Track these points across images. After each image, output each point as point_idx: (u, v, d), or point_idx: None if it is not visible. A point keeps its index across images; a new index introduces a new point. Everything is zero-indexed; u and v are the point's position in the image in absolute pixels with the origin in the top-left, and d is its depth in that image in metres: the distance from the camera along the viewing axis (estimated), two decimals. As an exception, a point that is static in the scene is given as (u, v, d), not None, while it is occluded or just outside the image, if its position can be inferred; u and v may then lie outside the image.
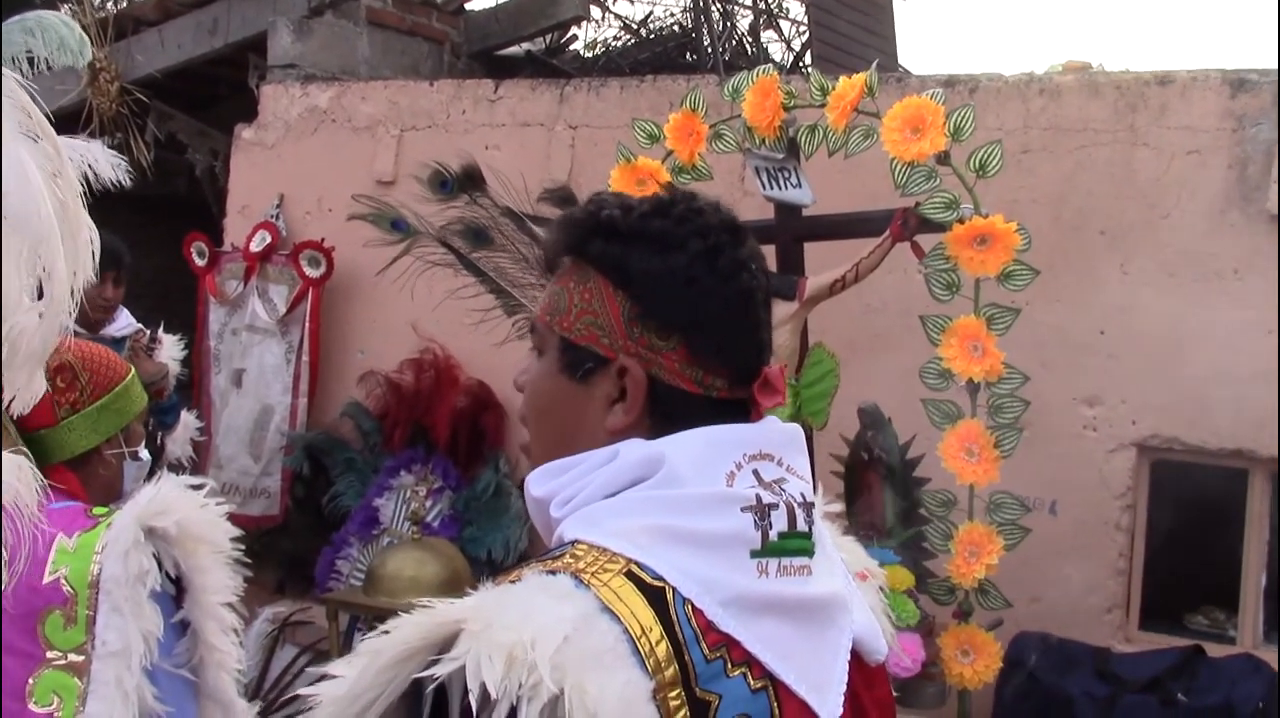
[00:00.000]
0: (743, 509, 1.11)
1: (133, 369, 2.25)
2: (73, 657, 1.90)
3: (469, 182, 3.36)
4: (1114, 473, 3.86)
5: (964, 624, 3.13)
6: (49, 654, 1.90)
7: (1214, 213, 3.72)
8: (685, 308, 1.17)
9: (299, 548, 5.09)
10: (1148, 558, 3.93)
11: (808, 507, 1.15)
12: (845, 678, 1.16)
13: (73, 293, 1.56)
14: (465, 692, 0.97)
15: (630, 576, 1.06)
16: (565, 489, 1.16)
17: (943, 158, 3.00)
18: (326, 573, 4.95)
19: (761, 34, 6.71)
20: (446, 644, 0.99)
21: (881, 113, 3.08)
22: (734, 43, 6.51)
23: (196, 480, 2.05)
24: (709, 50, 6.09)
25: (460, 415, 4.84)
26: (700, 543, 1.08)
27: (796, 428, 1.21)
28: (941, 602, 3.23)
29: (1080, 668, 3.64)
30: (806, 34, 6.53)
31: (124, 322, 4.36)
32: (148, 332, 4.28)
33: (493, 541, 4.72)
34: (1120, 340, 3.84)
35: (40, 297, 1.46)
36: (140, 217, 5.98)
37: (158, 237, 5.84)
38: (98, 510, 2.01)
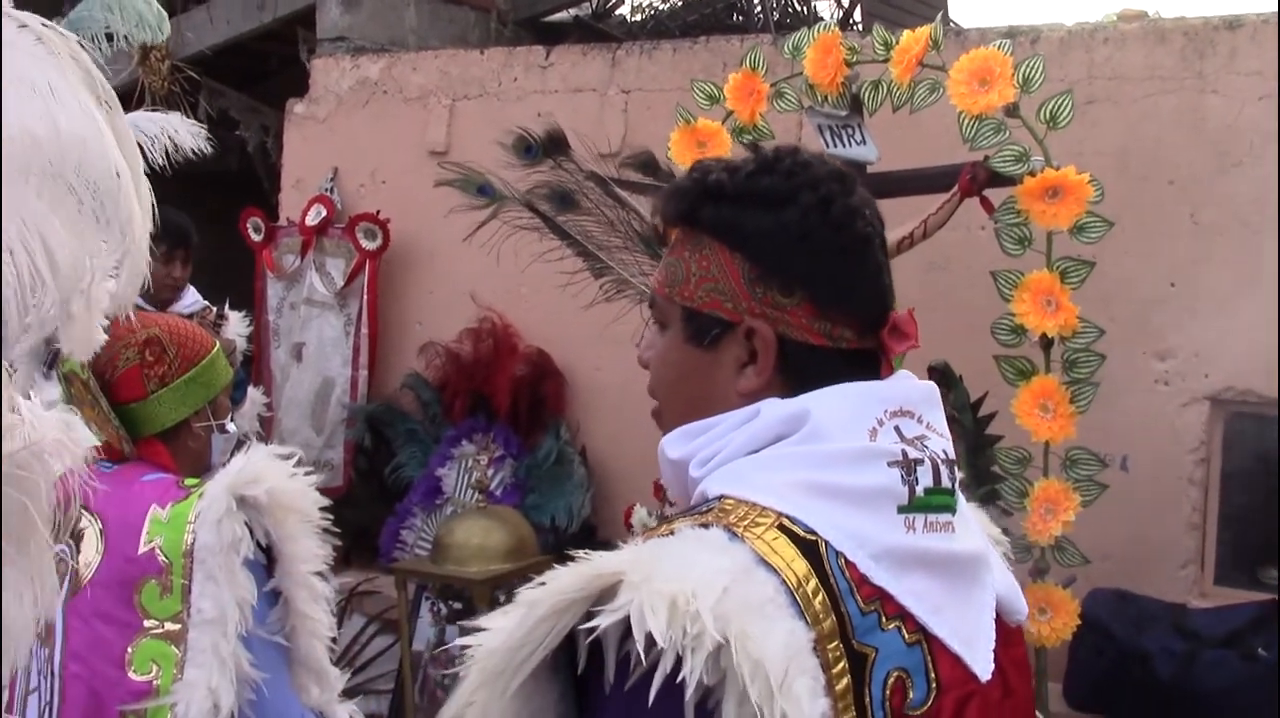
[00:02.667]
0: (889, 464, 1.10)
1: (218, 342, 2.26)
2: (169, 625, 1.93)
3: (554, 146, 3.34)
4: (1187, 427, 3.81)
5: (1040, 582, 3.10)
6: (146, 623, 1.93)
7: (1286, 159, 3.64)
8: (804, 262, 1.16)
9: (363, 519, 5.13)
10: (1221, 512, 3.87)
11: (950, 463, 1.15)
12: (993, 635, 1.15)
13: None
14: (621, 644, 0.97)
15: (783, 528, 1.05)
16: (704, 449, 1.16)
17: (1012, 110, 2.95)
18: (391, 543, 4.99)
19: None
20: (605, 596, 0.98)
21: (945, 66, 3.03)
22: (782, 2, 6.43)
23: (285, 450, 2.06)
24: (758, 11, 6.02)
25: (520, 384, 4.85)
26: (849, 498, 1.08)
27: (933, 385, 1.20)
28: (1017, 560, 3.20)
29: (1156, 624, 3.61)
30: (856, -10, 6.45)
31: (190, 299, 4.40)
32: (214, 309, 4.32)
33: (555, 507, 4.73)
34: (1191, 292, 3.77)
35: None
36: (193, 194, 6.01)
37: (210, 213, 5.87)
38: (189, 481, 2.04)
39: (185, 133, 1.95)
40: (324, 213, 5.25)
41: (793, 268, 1.16)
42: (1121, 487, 3.71)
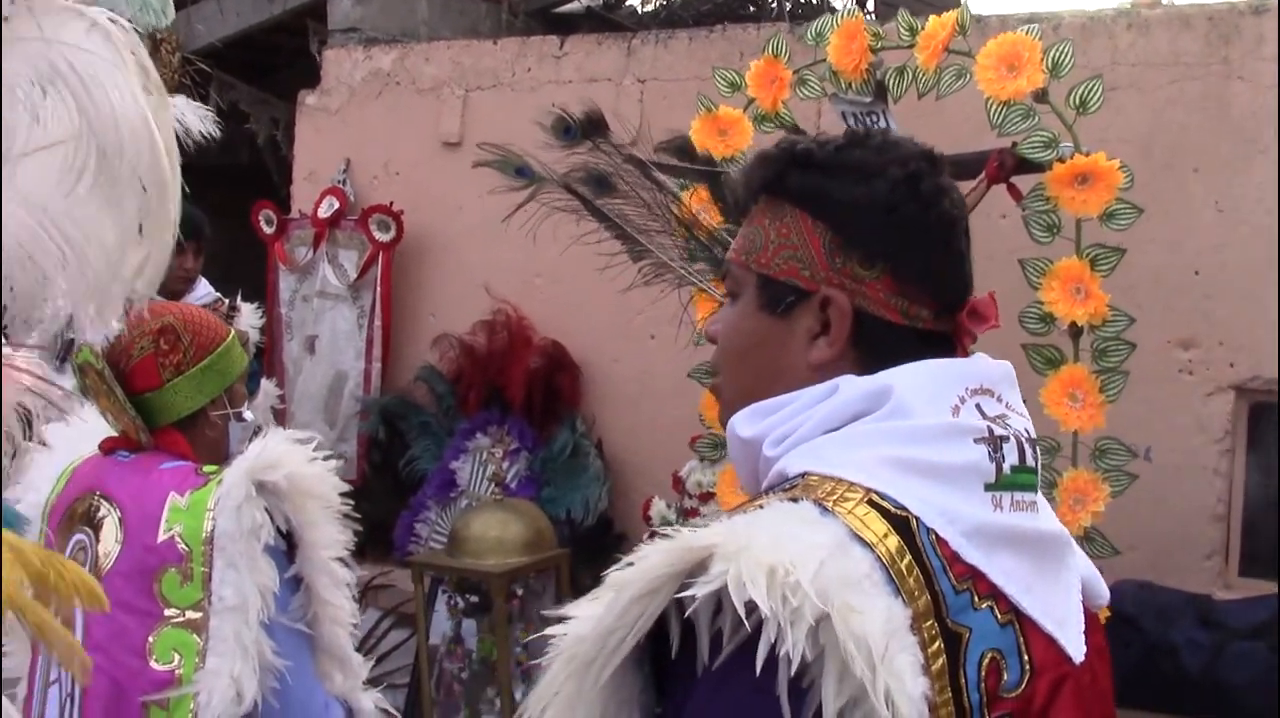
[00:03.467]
0: (976, 440, 1.08)
1: (233, 331, 2.23)
2: (190, 614, 1.90)
3: (592, 128, 3.30)
4: (1211, 417, 3.77)
5: (1067, 573, 3.06)
6: (167, 612, 1.91)
7: (1313, 145, 3.60)
8: (889, 235, 1.14)
9: (377, 512, 5.09)
10: (1246, 503, 3.84)
11: (1032, 442, 1.12)
12: (1082, 617, 1.13)
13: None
14: (714, 619, 0.94)
15: (873, 504, 1.02)
16: (780, 427, 1.13)
17: (1041, 95, 2.91)
18: (406, 536, 4.96)
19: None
20: (697, 572, 0.95)
21: (971, 52, 2.99)
22: (795, -9, 6.39)
23: (303, 434, 2.04)
24: (773, 1, 5.98)
25: (534, 376, 4.81)
26: (937, 474, 1.05)
27: (1009, 364, 1.17)
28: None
29: (1182, 616, 3.57)
30: (869, -20, 6.40)
31: (203, 291, 4.38)
32: (226, 300, 4.30)
33: (571, 500, 4.70)
34: (1216, 281, 3.74)
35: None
36: (202, 187, 5.96)
37: (221, 207, 5.84)
38: (208, 469, 2.01)
39: (193, 117, 1.91)
40: (336, 205, 5.21)
41: (876, 240, 1.14)
42: (1145, 477, 3.67)
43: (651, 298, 3.60)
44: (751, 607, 0.91)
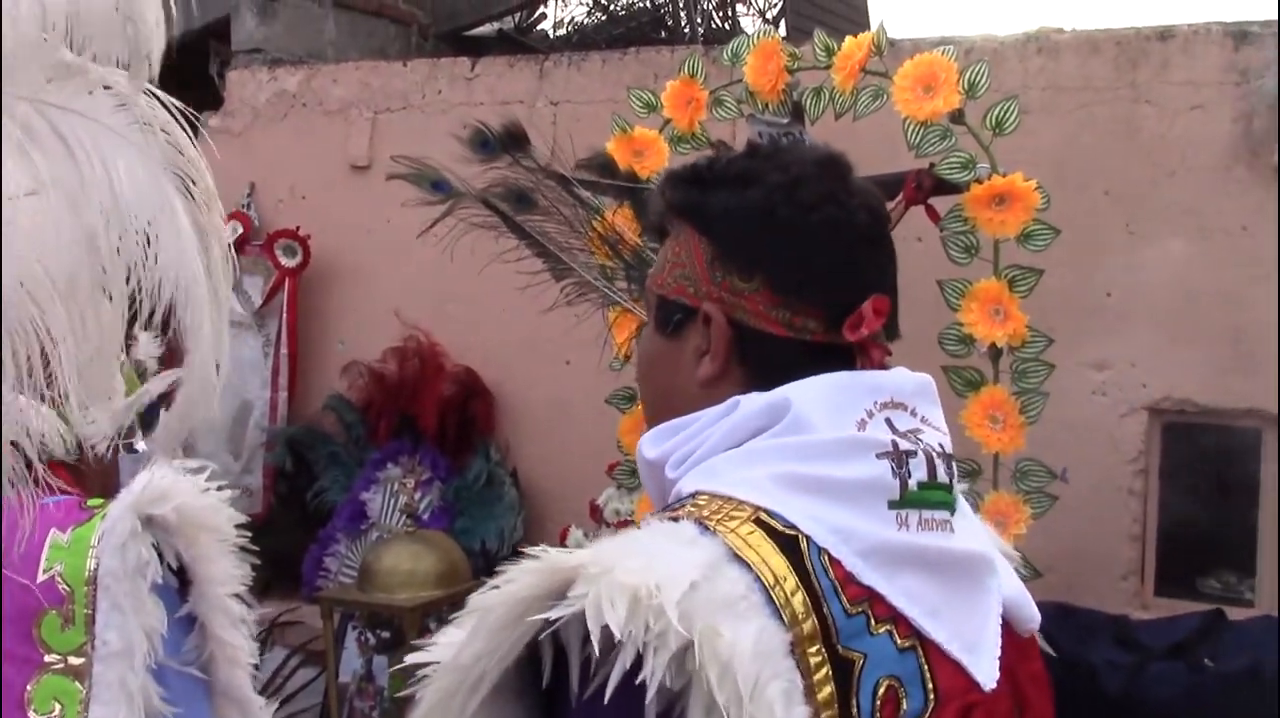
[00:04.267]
0: (878, 455, 1.01)
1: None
2: (72, 659, 1.76)
3: (512, 141, 3.21)
4: (1126, 437, 3.80)
5: (990, 597, 3.05)
6: (47, 658, 1.77)
7: (1219, 169, 3.65)
8: (763, 243, 1.09)
9: (284, 546, 4.93)
10: (1160, 523, 3.86)
11: (947, 458, 1.06)
12: (999, 642, 1.06)
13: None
14: (584, 646, 0.87)
15: (759, 523, 0.96)
16: (681, 448, 1.07)
17: (957, 116, 2.91)
18: (314, 571, 4.81)
19: (734, 6, 6.61)
20: (564, 594, 0.88)
21: (888, 73, 2.98)
22: (707, 16, 6.40)
23: (194, 463, 1.91)
24: (684, 25, 5.98)
25: (448, 404, 4.70)
26: (834, 491, 0.99)
27: (928, 377, 1.11)
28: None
29: (1100, 637, 3.57)
30: (780, 4, 6.43)
31: (97, 318, 4.21)
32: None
33: (486, 531, 4.60)
34: (1128, 302, 3.77)
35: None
36: (102, 212, 5.80)
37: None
38: (93, 503, 1.87)
39: None
40: (240, 229, 5.05)
41: (751, 249, 1.09)
42: (1062, 499, 3.68)
43: (567, 323, 3.52)
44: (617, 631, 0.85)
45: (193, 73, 5.89)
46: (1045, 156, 3.80)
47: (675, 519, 0.97)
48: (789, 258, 1.08)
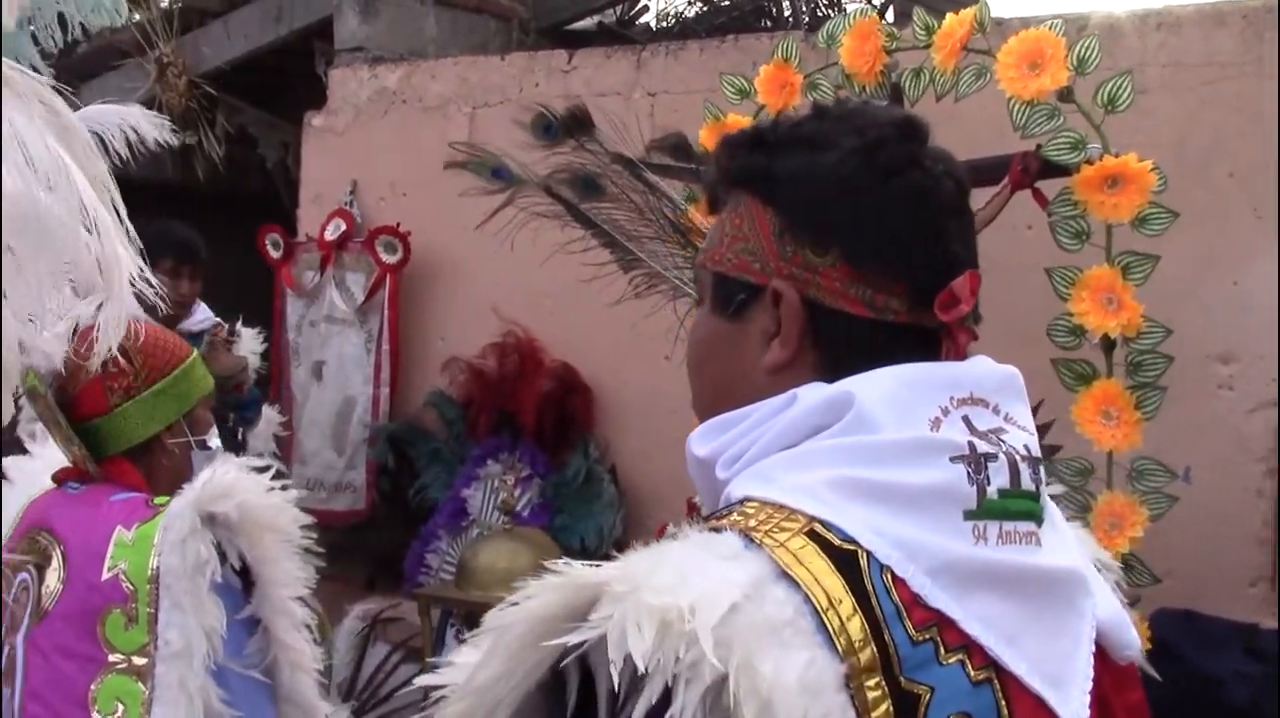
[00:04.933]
0: (953, 459, 0.89)
1: (194, 351, 2.08)
2: (136, 659, 1.75)
3: (576, 125, 3.11)
4: (1253, 435, 3.57)
5: (1104, 603, 2.88)
6: (111, 658, 1.76)
7: (1355, 147, 3.41)
8: (840, 213, 0.97)
9: (387, 543, 4.97)
10: (1293, 526, 3.63)
11: (1034, 462, 0.93)
12: (1090, 673, 0.93)
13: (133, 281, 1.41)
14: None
15: (813, 536, 0.85)
16: (733, 445, 0.97)
17: (1066, 94, 2.75)
18: (416, 568, 4.81)
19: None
20: (588, 613, 0.79)
21: (991, 51, 2.83)
22: (810, 2, 6.25)
23: (260, 462, 1.88)
24: (787, 13, 5.85)
25: (546, 400, 4.67)
26: (901, 499, 0.87)
27: (1014, 370, 0.99)
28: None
29: (1227, 646, 3.38)
30: (887, -10, 6.26)
31: (201, 316, 4.26)
32: (226, 325, 4.18)
33: (585, 528, 4.54)
34: (1255, 290, 3.55)
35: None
36: (215, 213, 5.90)
37: (233, 233, 5.75)
38: (159, 500, 1.85)
39: (147, 124, 1.78)
40: (343, 227, 5.10)
41: (826, 220, 0.97)
42: (1184, 500, 3.49)
43: (667, 318, 3.44)
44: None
45: (300, 74, 5.97)
46: (1164, 137, 3.60)
47: (717, 530, 0.87)
48: (870, 228, 0.97)
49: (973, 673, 0.86)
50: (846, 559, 0.85)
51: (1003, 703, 0.87)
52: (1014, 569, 0.90)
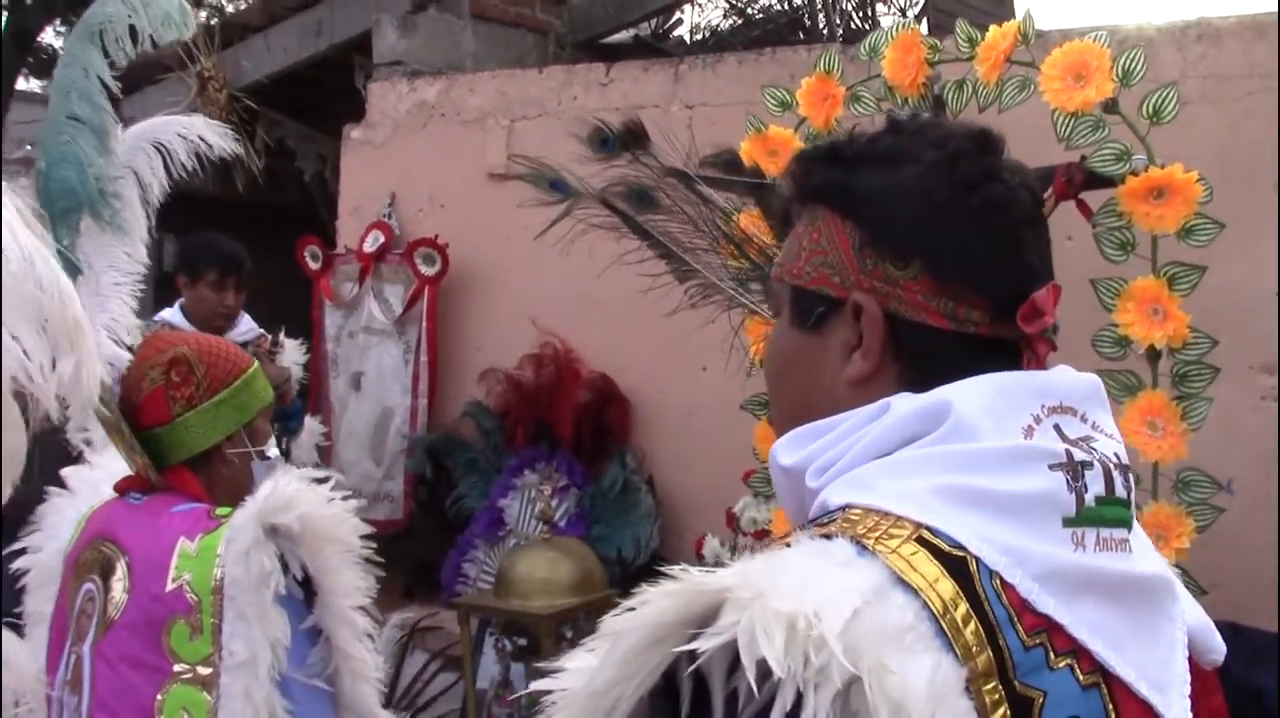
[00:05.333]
0: (1051, 467, 0.91)
1: (256, 362, 2.11)
2: (201, 669, 1.77)
3: (632, 139, 3.14)
4: (1297, 446, 3.55)
5: (1150, 615, 2.87)
6: (176, 668, 1.78)
7: (1400, 157, 3.39)
8: (922, 226, 0.98)
9: (425, 552, 5.00)
10: (1337, 538, 3.61)
11: (1124, 470, 0.95)
12: (1187, 678, 0.95)
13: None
14: (729, 678, 0.79)
15: (922, 542, 0.86)
16: (824, 454, 0.97)
17: (1111, 106, 2.75)
18: (453, 577, 4.84)
19: (874, 5, 6.47)
20: (707, 619, 0.80)
21: (1035, 63, 2.84)
22: (846, 16, 6.27)
23: (320, 473, 1.91)
24: (822, 25, 5.86)
25: (583, 410, 4.69)
26: (1003, 506, 0.89)
27: (1097, 379, 1.00)
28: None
29: (1270, 658, 3.35)
30: (921, 1, 6.27)
31: (245, 327, 4.31)
32: (270, 336, 4.23)
33: (622, 539, 4.56)
34: (1300, 302, 3.53)
35: None
36: (254, 225, 5.96)
37: (271, 245, 5.81)
38: (221, 511, 1.88)
39: (211, 134, 1.81)
40: (382, 239, 5.14)
41: (908, 233, 0.99)
42: (1229, 512, 3.47)
43: (701, 327, 3.45)
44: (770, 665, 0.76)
45: (339, 88, 6.03)
46: (1207, 148, 3.59)
47: (828, 537, 0.87)
48: (951, 242, 0.98)
49: (1082, 678, 0.88)
50: (957, 565, 0.86)
51: (1110, 708, 0.89)
52: (1113, 576, 0.92)
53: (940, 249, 0.98)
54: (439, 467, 5.03)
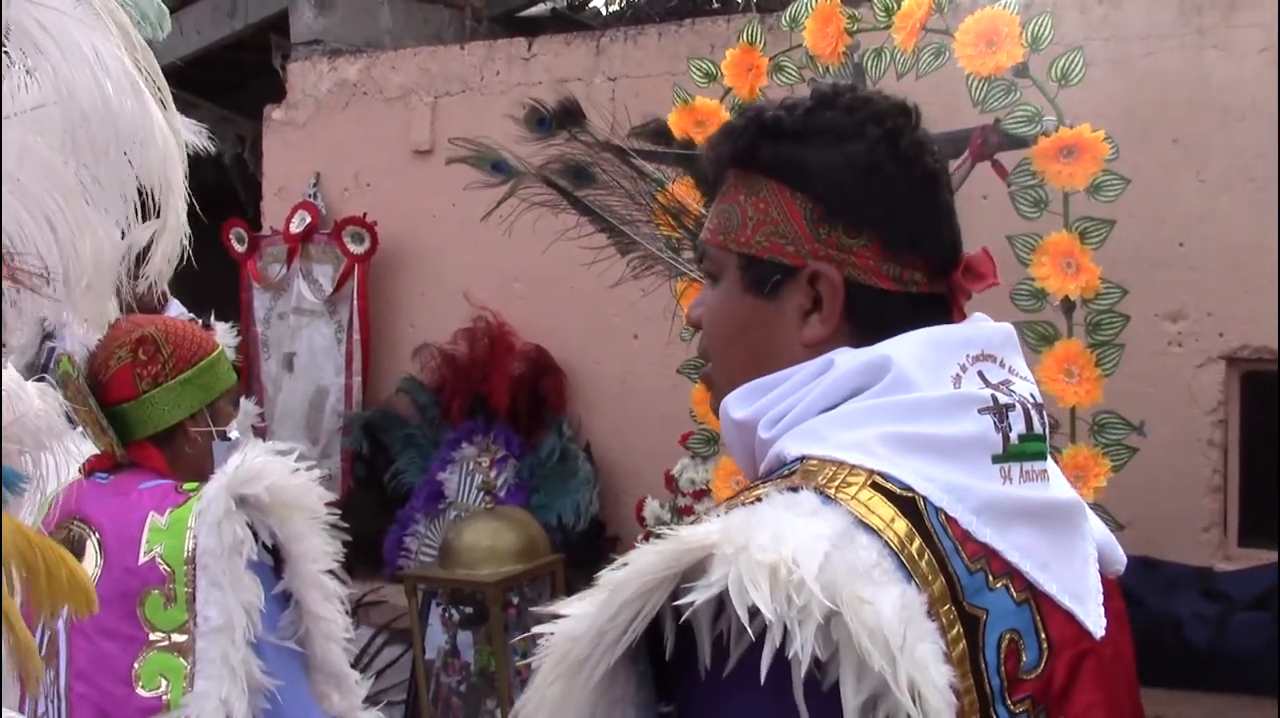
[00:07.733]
0: (980, 411, 1.01)
1: (220, 346, 2.15)
2: (176, 637, 1.83)
3: (567, 117, 3.22)
4: (1203, 388, 3.75)
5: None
6: (152, 636, 1.84)
7: (1292, 111, 3.58)
8: (872, 199, 1.07)
9: (364, 528, 5.01)
10: (1242, 473, 3.82)
11: (1039, 408, 1.06)
12: (1100, 588, 1.06)
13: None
14: (714, 624, 0.89)
15: (876, 487, 0.96)
16: (775, 407, 1.06)
17: (1021, 70, 2.88)
18: (395, 551, 4.90)
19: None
20: (695, 572, 0.90)
21: (949, 30, 2.96)
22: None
23: (284, 446, 1.97)
24: (737, -5, 5.94)
25: (519, 382, 4.76)
26: (942, 449, 0.99)
27: (1010, 327, 1.11)
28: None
29: (1184, 589, 3.55)
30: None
31: (175, 311, 4.29)
32: (200, 320, 4.22)
33: (562, 506, 4.65)
34: (1201, 252, 3.72)
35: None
36: (171, 209, 5.90)
37: (189, 226, 5.77)
38: (188, 486, 1.93)
39: (185, 130, 1.84)
40: (309, 219, 5.15)
41: (860, 206, 1.07)
42: (1141, 451, 3.65)
43: (634, 298, 3.54)
44: (756, 610, 0.86)
45: (256, 68, 5.99)
46: (1112, 107, 3.74)
47: (794, 489, 0.96)
48: (898, 211, 1.07)
49: (1015, 595, 0.99)
50: (908, 505, 0.96)
51: (1039, 619, 1.00)
52: (1036, 503, 1.03)
53: (888, 218, 1.07)
54: (376, 444, 5.07)
